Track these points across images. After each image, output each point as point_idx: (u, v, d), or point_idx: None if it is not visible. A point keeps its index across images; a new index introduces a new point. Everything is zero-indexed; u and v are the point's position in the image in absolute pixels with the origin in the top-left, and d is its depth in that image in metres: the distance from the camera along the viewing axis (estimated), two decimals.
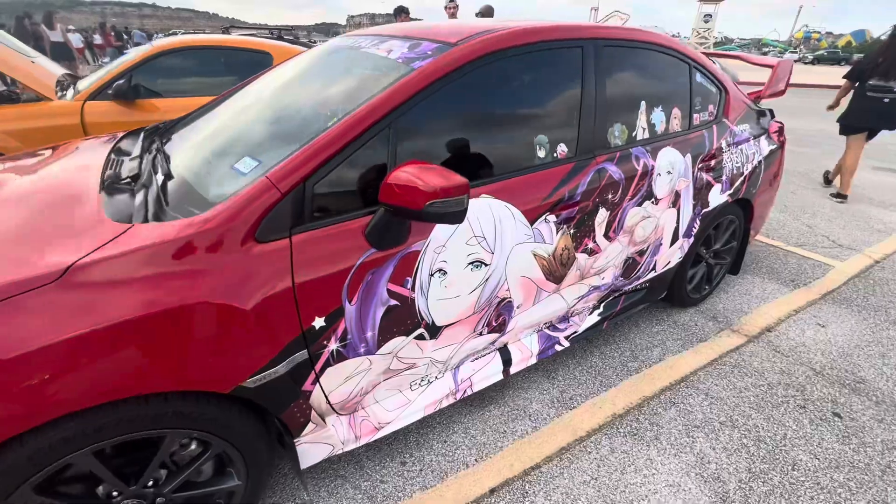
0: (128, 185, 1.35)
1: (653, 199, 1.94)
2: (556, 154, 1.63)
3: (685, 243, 2.28)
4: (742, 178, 2.38)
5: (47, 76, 3.39)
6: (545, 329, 1.90)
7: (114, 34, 17.11)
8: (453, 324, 1.50)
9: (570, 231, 1.68)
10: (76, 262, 0.96)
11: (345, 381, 1.34)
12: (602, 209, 1.75)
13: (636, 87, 1.89)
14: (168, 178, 1.33)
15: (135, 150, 1.65)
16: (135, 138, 1.84)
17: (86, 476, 1.08)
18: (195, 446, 1.19)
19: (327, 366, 1.28)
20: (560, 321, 1.93)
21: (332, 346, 1.26)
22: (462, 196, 1.11)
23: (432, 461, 1.67)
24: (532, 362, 1.86)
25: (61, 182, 1.46)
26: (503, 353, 1.77)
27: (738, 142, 2.33)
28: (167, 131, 1.85)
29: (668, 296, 2.48)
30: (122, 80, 3.19)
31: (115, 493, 1.10)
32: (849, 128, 4.50)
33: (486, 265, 1.48)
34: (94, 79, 3.35)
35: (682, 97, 2.09)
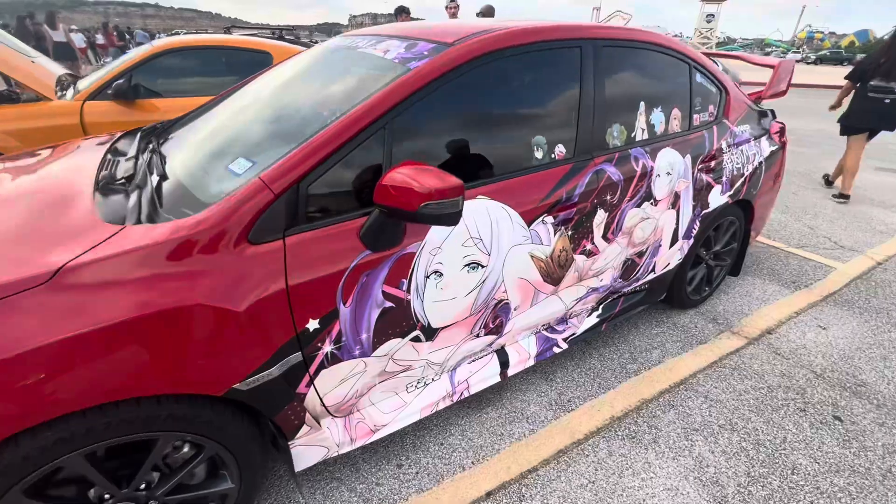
0: (122, 186, 1.34)
1: (652, 201, 1.92)
2: (553, 155, 1.61)
3: (685, 245, 2.26)
4: (742, 180, 2.36)
5: (47, 76, 3.39)
6: (543, 331, 1.88)
7: (116, 34, 17.15)
8: (450, 326, 1.49)
9: (568, 232, 1.67)
10: (66, 263, 0.96)
11: (340, 384, 1.34)
12: (600, 210, 1.74)
13: (635, 88, 1.88)
14: (163, 179, 1.33)
15: (130, 151, 1.65)
16: (131, 138, 1.83)
17: (77, 479, 1.07)
18: (188, 449, 1.18)
19: (322, 368, 1.27)
20: (558, 323, 1.92)
21: (326, 348, 1.25)
22: (457, 198, 1.10)
23: (428, 464, 1.66)
24: (530, 364, 1.84)
25: (57, 182, 1.45)
26: (500, 355, 1.76)
27: (738, 142, 2.32)
28: (164, 132, 1.84)
29: (668, 297, 2.46)
30: (122, 80, 3.19)
31: (106, 495, 1.10)
32: (849, 128, 4.49)
33: (482, 267, 1.47)
34: (93, 79, 3.34)
35: (682, 97, 2.07)
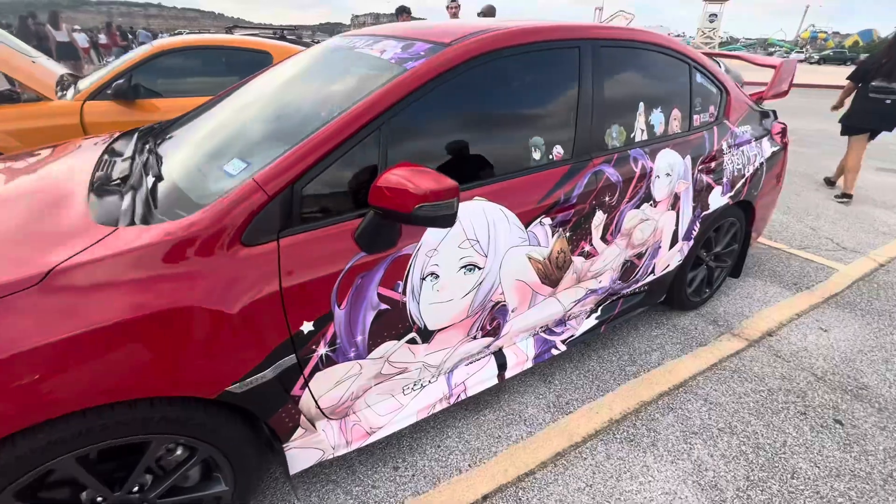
0: (116, 187, 1.34)
1: (651, 202, 1.91)
2: (551, 156, 1.60)
3: (685, 246, 2.25)
4: (743, 180, 2.35)
5: (48, 76, 3.39)
6: (541, 333, 1.87)
7: (119, 34, 17.21)
8: (446, 328, 1.48)
9: (566, 234, 1.65)
10: (58, 265, 0.95)
11: (335, 386, 1.33)
12: (599, 212, 1.72)
13: (635, 88, 1.87)
14: (157, 180, 1.32)
15: (126, 152, 1.64)
16: (128, 139, 1.83)
17: (69, 481, 1.07)
18: (181, 451, 1.18)
19: (316, 370, 1.26)
20: (557, 325, 1.91)
21: (321, 350, 1.24)
22: (452, 199, 1.09)
23: (425, 466, 1.65)
24: (528, 366, 1.83)
25: (52, 183, 1.45)
26: (498, 356, 1.75)
27: (739, 143, 2.30)
28: (160, 132, 1.84)
29: (668, 299, 2.45)
30: (122, 80, 3.19)
31: (98, 498, 1.09)
32: (850, 128, 4.48)
33: (479, 269, 1.46)
34: (94, 79, 3.34)
35: (682, 98, 2.06)
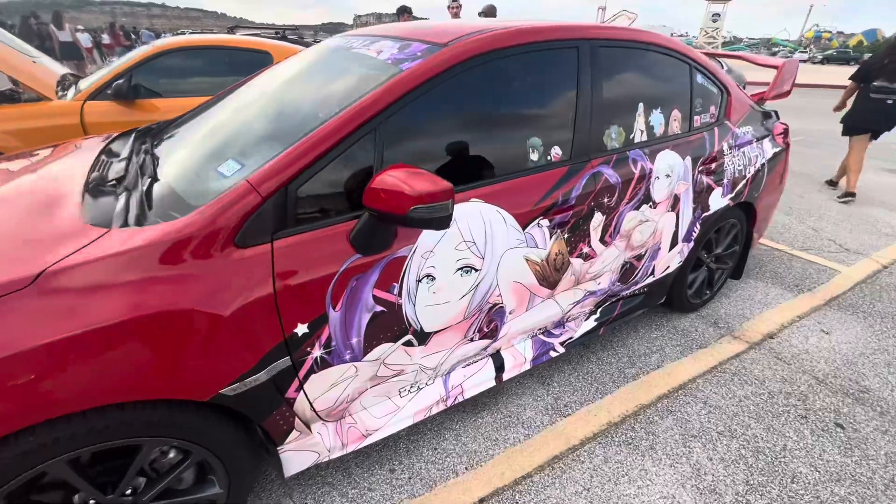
0: (111, 188, 1.33)
1: (651, 203, 1.89)
2: (549, 157, 1.59)
3: (685, 248, 2.23)
4: (744, 182, 2.33)
5: (48, 76, 3.39)
6: (540, 335, 1.86)
7: (123, 34, 17.24)
8: (443, 330, 1.47)
9: (565, 236, 1.64)
10: (48, 267, 0.94)
11: (330, 388, 1.32)
12: (598, 213, 1.71)
13: (634, 89, 1.85)
14: (152, 181, 1.31)
15: (122, 153, 1.64)
16: (125, 140, 1.82)
17: (61, 484, 1.06)
18: (175, 454, 1.17)
19: (311, 373, 1.25)
20: (555, 327, 1.90)
21: (315, 352, 1.23)
22: (447, 201, 1.08)
23: (421, 469, 1.64)
24: (526, 368, 1.82)
25: (49, 184, 1.44)
26: (496, 358, 1.74)
27: (740, 144, 2.28)
28: (157, 133, 1.83)
29: (668, 301, 2.43)
30: (122, 80, 3.19)
31: (91, 502, 1.08)
32: (852, 128, 4.46)
33: (476, 270, 1.45)
34: (94, 78, 3.34)
35: (682, 98, 2.04)
